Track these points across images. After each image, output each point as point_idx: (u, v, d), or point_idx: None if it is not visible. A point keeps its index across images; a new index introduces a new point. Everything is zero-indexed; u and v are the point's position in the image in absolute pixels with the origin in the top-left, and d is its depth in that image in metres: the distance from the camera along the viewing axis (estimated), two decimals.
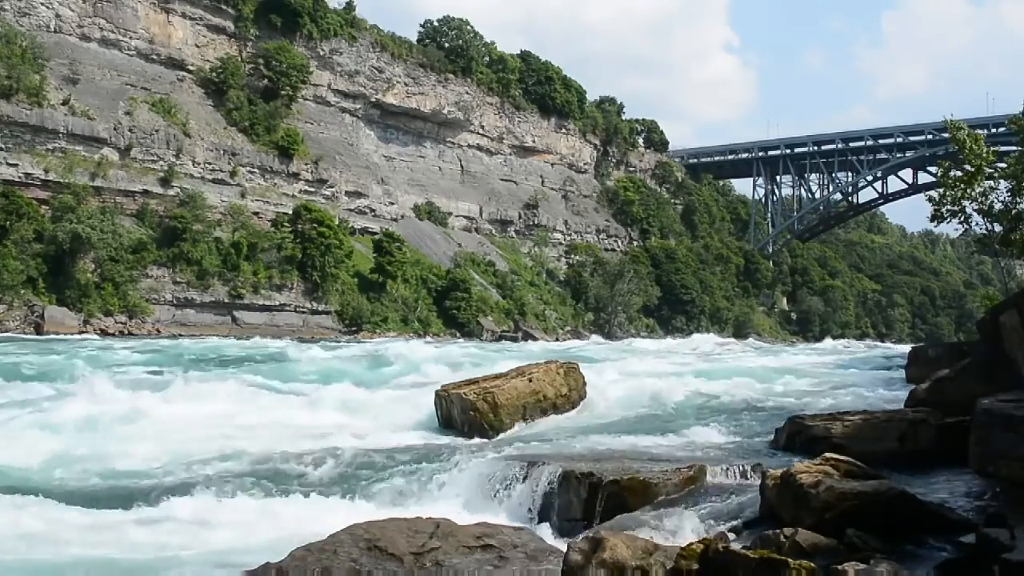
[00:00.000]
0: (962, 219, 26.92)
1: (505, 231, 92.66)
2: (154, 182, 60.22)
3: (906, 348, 34.54)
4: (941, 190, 27.99)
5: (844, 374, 26.11)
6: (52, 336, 44.31)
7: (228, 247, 60.89)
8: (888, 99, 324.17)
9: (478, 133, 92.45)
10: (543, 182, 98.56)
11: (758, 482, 8.28)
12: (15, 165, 52.78)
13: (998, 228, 26.17)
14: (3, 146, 52.55)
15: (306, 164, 71.87)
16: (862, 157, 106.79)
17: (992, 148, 27.17)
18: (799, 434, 11.30)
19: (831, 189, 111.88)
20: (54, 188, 54.01)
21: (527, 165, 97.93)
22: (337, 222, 69.16)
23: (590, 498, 8.97)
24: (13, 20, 56.49)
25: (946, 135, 38.24)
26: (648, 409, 15.92)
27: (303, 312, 64.09)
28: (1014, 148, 35.96)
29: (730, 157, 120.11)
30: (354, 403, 17.20)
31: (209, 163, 64.59)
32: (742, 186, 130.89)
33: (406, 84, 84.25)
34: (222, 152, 65.75)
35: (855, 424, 10.74)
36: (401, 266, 70.75)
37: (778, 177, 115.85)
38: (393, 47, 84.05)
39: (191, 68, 68.43)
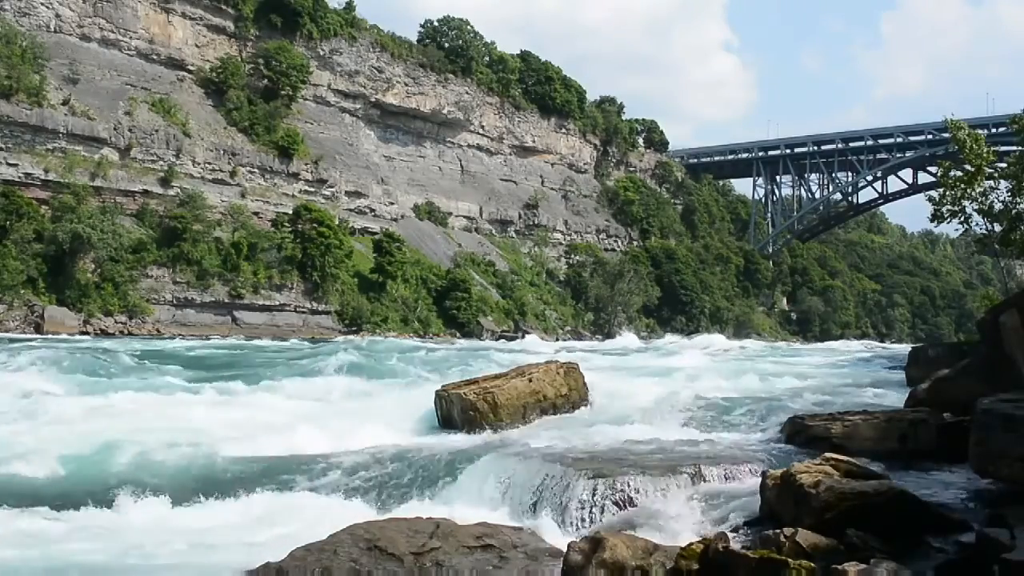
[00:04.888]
0: (962, 219, 26.95)
1: (505, 231, 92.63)
2: (154, 182, 60.20)
3: (906, 348, 34.47)
4: (941, 190, 28.03)
5: (844, 374, 26.07)
6: (52, 336, 44.30)
7: (228, 247, 60.85)
8: (887, 99, 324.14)
9: (478, 133, 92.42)
10: (543, 182, 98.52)
11: (758, 482, 8.27)
12: (15, 165, 52.77)
13: (998, 228, 26.20)
14: (3, 146, 52.54)
15: (306, 164, 71.84)
16: (862, 157, 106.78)
17: (992, 148, 27.21)
18: (799, 434, 11.32)
19: (831, 189, 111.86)
20: (54, 188, 53.99)
21: (527, 165, 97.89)
22: (337, 222, 69.10)
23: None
24: (13, 20, 56.46)
25: (946, 135, 38.37)
26: (648, 409, 15.89)
27: (303, 312, 64.09)
28: (1014, 148, 36.01)
29: (730, 157, 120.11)
30: (354, 403, 17.22)
31: (209, 163, 64.57)
32: (742, 186, 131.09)
33: (406, 84, 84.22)
34: (222, 152, 65.73)
35: (855, 424, 10.75)
36: (401, 266, 70.74)
37: (778, 177, 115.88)
38: (393, 47, 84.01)
39: (191, 68, 68.40)
